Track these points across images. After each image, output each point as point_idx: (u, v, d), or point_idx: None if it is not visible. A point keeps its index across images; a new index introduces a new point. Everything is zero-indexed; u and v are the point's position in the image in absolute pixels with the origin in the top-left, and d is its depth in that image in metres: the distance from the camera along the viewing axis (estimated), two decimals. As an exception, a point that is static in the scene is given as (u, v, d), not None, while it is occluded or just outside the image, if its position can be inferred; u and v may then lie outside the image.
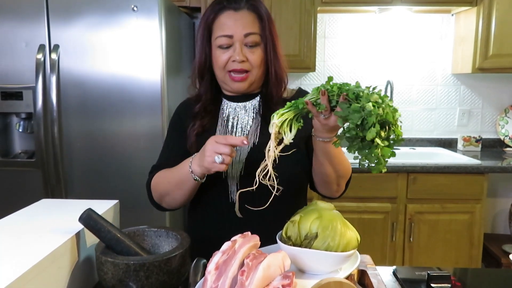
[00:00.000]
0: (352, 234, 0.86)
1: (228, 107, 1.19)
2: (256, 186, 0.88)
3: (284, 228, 0.89)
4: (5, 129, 2.15)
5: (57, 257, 0.75)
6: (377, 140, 0.78)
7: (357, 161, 0.82)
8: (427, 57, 2.89)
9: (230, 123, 1.17)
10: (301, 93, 1.23)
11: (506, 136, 2.89)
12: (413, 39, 2.87)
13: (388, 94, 2.76)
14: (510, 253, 1.42)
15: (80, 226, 0.83)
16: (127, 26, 1.95)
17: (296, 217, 0.88)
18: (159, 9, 1.94)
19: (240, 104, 1.18)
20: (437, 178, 2.35)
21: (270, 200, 0.91)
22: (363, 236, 1.30)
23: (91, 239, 0.87)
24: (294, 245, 0.85)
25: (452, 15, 2.82)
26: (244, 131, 1.15)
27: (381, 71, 2.90)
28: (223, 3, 1.11)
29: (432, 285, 0.90)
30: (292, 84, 2.75)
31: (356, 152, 0.82)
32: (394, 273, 1.01)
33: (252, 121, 1.16)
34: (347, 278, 0.81)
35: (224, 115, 1.18)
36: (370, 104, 0.78)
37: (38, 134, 2.00)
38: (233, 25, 1.09)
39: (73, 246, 0.81)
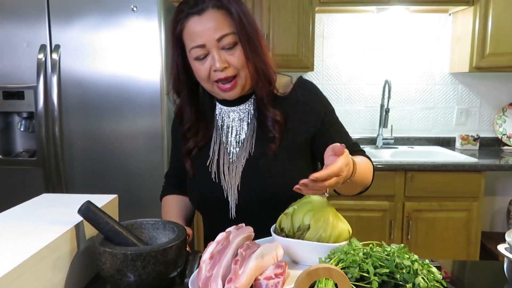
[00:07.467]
0: (343, 226, 0.88)
1: (221, 112, 1.13)
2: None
3: (278, 221, 0.91)
4: (7, 128, 2.18)
5: (56, 247, 0.78)
6: None
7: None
8: (424, 57, 2.91)
9: (224, 131, 1.12)
10: (304, 83, 1.12)
11: (503, 134, 2.91)
12: (411, 39, 2.89)
13: (386, 93, 2.78)
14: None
15: (80, 219, 0.85)
16: (127, 26, 1.98)
17: (290, 210, 0.90)
18: (158, 10, 1.97)
19: (233, 108, 1.11)
20: (434, 176, 2.37)
21: None
22: (360, 234, 1.31)
23: (90, 231, 0.90)
24: (288, 236, 0.87)
25: (449, 14, 2.85)
26: (238, 140, 1.09)
27: (379, 71, 2.92)
28: (185, 10, 0.99)
29: (423, 276, 0.92)
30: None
31: None
32: (387, 266, 1.02)
33: (247, 127, 1.09)
34: (338, 268, 0.83)
35: (219, 123, 1.13)
36: (420, 278, 0.70)
37: (40, 133, 2.02)
38: (202, 31, 0.97)
39: (72, 237, 0.84)
